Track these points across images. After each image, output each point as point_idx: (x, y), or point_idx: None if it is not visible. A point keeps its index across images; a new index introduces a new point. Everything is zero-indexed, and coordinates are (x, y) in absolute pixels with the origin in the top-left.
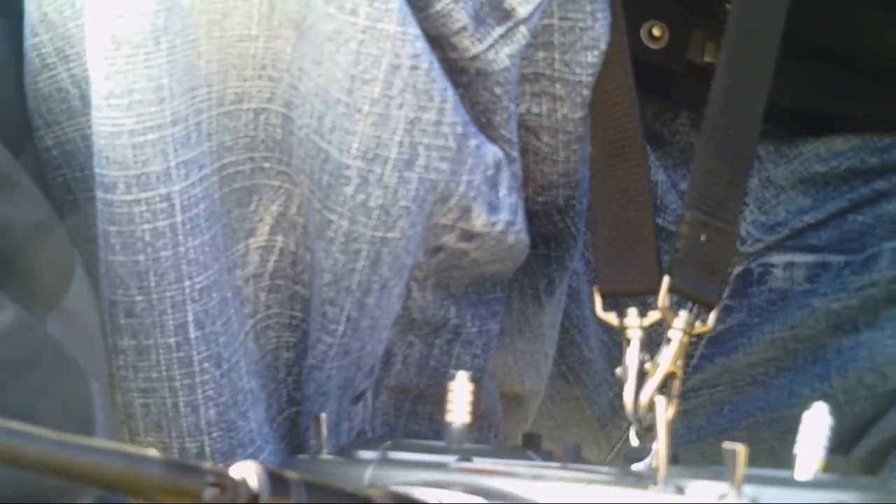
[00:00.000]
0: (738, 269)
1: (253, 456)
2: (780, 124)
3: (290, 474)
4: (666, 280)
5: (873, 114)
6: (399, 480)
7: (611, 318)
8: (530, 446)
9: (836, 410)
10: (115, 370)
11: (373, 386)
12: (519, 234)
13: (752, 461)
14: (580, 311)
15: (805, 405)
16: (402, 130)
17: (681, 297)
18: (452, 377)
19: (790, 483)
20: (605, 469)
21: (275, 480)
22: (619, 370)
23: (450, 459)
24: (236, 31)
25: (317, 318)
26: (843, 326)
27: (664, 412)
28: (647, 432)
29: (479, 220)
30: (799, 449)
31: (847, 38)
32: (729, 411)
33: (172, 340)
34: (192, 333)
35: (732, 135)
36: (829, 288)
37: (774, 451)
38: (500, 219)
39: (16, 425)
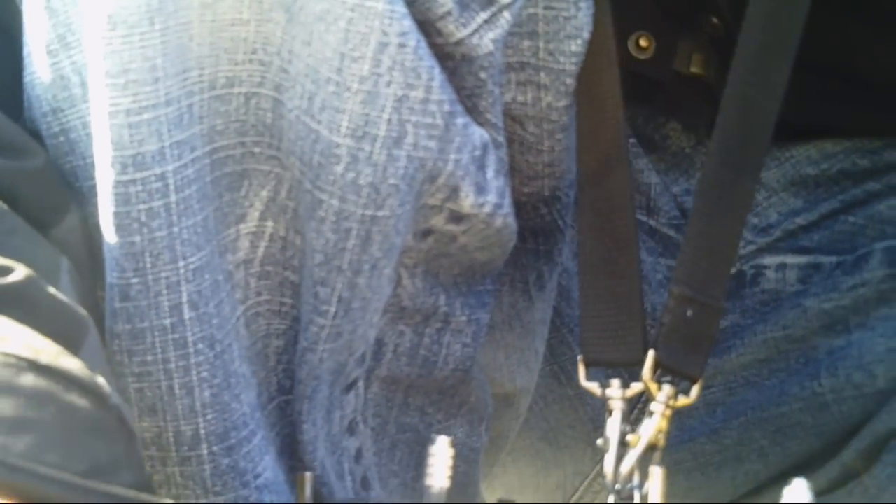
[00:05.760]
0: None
1: (246, 440)
2: None
3: None
4: (651, 354)
5: (861, 125)
6: None
7: (593, 387)
8: None
9: (825, 409)
10: (110, 356)
11: (364, 376)
12: (507, 218)
13: (742, 460)
14: (571, 311)
15: (795, 403)
16: (390, 108)
17: (665, 372)
18: (444, 370)
19: None
20: None
21: None
22: (600, 441)
23: None
24: (228, 15)
25: (308, 300)
26: (834, 327)
27: (660, 484)
28: (627, 501)
29: (468, 201)
30: None
31: (835, 51)
32: (721, 412)
33: (167, 322)
34: (187, 314)
35: (720, 212)
36: (820, 288)
37: (764, 452)
38: (487, 200)
39: None
